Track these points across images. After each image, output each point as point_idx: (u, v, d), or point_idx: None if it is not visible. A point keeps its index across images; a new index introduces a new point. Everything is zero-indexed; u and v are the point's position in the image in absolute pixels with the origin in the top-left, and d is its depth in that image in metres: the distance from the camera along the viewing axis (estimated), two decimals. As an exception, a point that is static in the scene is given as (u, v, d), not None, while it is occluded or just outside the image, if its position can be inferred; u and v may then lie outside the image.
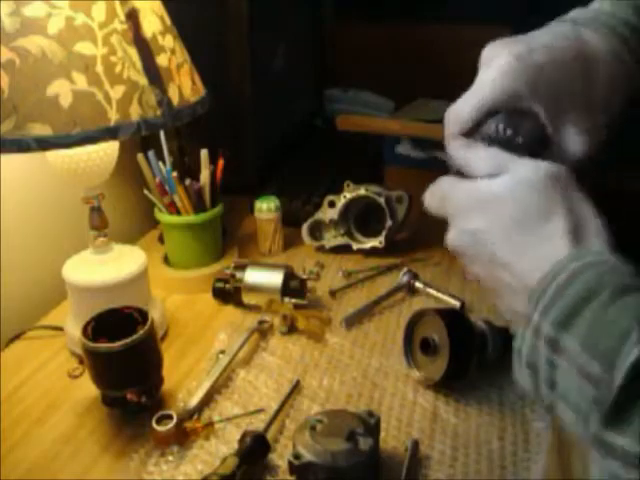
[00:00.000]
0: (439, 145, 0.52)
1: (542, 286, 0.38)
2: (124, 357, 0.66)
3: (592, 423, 0.34)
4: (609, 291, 0.35)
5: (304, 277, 0.91)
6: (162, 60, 0.70)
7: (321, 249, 1.05)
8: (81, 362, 0.77)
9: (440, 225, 0.48)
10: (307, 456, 0.57)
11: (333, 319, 0.87)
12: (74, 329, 0.77)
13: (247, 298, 0.89)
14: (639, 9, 0.48)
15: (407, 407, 0.71)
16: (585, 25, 0.47)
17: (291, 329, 0.85)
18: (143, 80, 0.67)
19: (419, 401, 0.71)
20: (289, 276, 0.88)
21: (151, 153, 0.92)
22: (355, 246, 1.03)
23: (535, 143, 0.46)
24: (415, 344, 0.74)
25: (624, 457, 0.33)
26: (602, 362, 0.34)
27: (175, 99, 0.70)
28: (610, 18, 0.48)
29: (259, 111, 1.20)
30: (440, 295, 0.89)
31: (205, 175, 0.95)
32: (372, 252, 1.03)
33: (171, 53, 0.71)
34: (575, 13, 0.50)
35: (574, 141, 0.46)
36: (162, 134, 0.92)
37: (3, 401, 0.73)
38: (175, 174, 0.92)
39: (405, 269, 0.94)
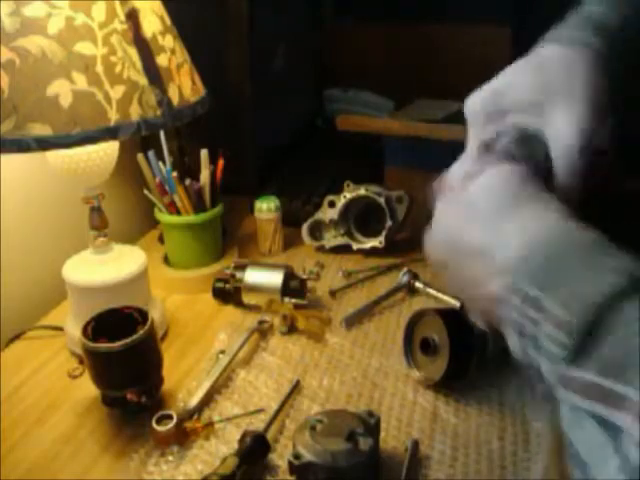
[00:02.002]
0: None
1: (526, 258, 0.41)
2: (124, 357, 0.66)
3: (561, 364, 0.37)
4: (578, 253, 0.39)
5: (304, 277, 0.91)
6: (162, 60, 0.70)
7: (321, 249, 1.05)
8: (81, 362, 0.77)
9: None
10: (307, 456, 0.57)
11: (333, 319, 0.87)
12: (74, 329, 0.77)
13: (247, 298, 0.89)
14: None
15: (407, 407, 0.71)
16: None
17: (291, 329, 0.85)
18: (143, 80, 0.67)
19: (419, 401, 0.71)
20: (289, 276, 0.88)
21: (151, 153, 0.92)
22: (355, 246, 1.03)
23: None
24: (415, 344, 0.74)
25: (580, 387, 0.35)
26: (569, 311, 0.36)
27: (175, 99, 0.70)
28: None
29: (259, 111, 1.20)
30: (440, 295, 0.89)
31: (205, 175, 0.95)
32: (372, 252, 1.03)
33: (171, 53, 0.71)
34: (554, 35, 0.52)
35: (563, 131, 0.47)
36: (162, 134, 0.92)
37: (3, 401, 0.73)
38: (175, 174, 0.92)
39: (405, 269, 0.94)
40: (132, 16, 0.67)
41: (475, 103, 0.53)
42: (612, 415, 0.32)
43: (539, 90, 0.49)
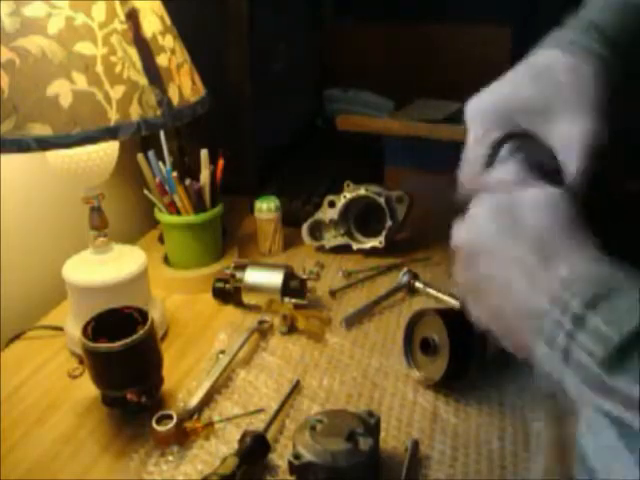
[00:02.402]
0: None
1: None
2: (124, 357, 0.66)
3: (596, 377, 0.38)
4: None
5: (304, 277, 0.91)
6: (162, 60, 0.70)
7: (321, 249, 1.05)
8: (81, 362, 0.77)
9: (440, 225, 0.48)
10: (307, 456, 0.57)
11: (333, 319, 0.87)
12: (74, 329, 0.77)
13: (247, 298, 0.89)
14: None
15: (407, 407, 0.71)
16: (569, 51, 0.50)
17: (291, 329, 0.85)
18: (143, 80, 0.67)
19: (419, 401, 0.71)
20: (289, 276, 0.88)
21: (151, 153, 0.92)
22: (355, 246, 1.03)
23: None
24: (415, 344, 0.74)
25: (625, 400, 0.36)
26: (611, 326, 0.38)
27: (175, 99, 0.70)
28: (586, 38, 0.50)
29: (259, 111, 1.20)
30: (440, 295, 0.89)
31: (205, 175, 0.95)
32: (372, 252, 1.03)
33: (171, 53, 0.71)
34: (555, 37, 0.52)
35: (559, 137, 0.48)
36: (162, 134, 0.92)
37: (3, 401, 0.73)
38: (175, 174, 0.92)
39: (405, 269, 0.94)
40: (132, 16, 0.67)
41: (478, 109, 0.53)
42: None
43: (544, 97, 0.49)
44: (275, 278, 0.88)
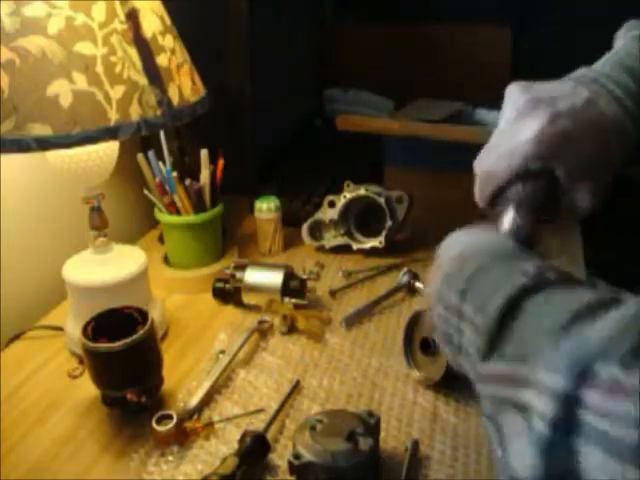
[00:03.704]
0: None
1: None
2: (124, 357, 0.66)
3: (477, 362, 0.41)
4: (497, 258, 0.44)
5: (304, 277, 0.91)
6: (162, 60, 0.70)
7: (321, 249, 1.05)
8: (81, 362, 0.77)
9: (440, 224, 0.48)
10: (307, 456, 0.57)
11: (333, 319, 0.87)
12: (74, 329, 0.77)
13: (247, 298, 0.89)
14: (633, 71, 0.51)
15: (407, 407, 0.71)
16: (597, 93, 0.50)
17: (291, 329, 0.85)
18: (143, 80, 0.67)
19: (419, 401, 0.71)
20: (289, 276, 0.88)
21: (151, 153, 0.92)
22: (355, 246, 1.03)
23: (548, 199, 0.51)
24: (415, 344, 0.74)
25: (497, 380, 0.39)
26: (481, 313, 0.41)
27: (175, 99, 0.70)
28: (613, 85, 0.50)
29: (259, 111, 1.20)
30: (440, 295, 0.89)
31: (205, 175, 0.95)
32: (372, 252, 1.03)
33: (171, 53, 0.71)
34: (582, 73, 0.52)
35: (583, 199, 0.50)
36: (162, 134, 0.92)
37: (3, 401, 0.73)
38: (175, 174, 0.92)
39: (405, 269, 0.94)
40: (132, 16, 0.67)
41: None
42: (522, 396, 0.36)
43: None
44: (275, 278, 0.88)
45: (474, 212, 0.53)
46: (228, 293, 0.90)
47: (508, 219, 0.51)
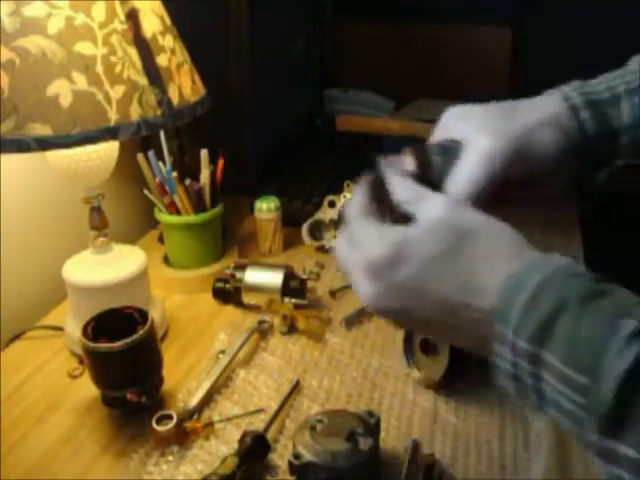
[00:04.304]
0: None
1: (507, 303, 0.38)
2: (124, 357, 0.66)
3: (589, 431, 0.34)
4: (577, 300, 0.36)
5: (304, 277, 0.91)
6: (162, 60, 0.70)
7: (321, 249, 1.05)
8: (81, 362, 0.78)
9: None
10: (307, 456, 0.57)
11: (333, 319, 0.87)
12: (74, 329, 0.77)
13: (247, 298, 0.89)
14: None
15: (407, 407, 0.71)
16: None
17: (291, 329, 0.85)
18: (143, 80, 0.67)
19: (419, 401, 0.71)
20: (289, 276, 0.88)
21: (151, 153, 0.92)
22: (355, 246, 1.03)
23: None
24: (415, 344, 0.74)
25: (627, 464, 0.33)
26: (587, 375, 0.34)
27: (175, 99, 0.70)
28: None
29: (259, 111, 1.20)
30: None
31: (205, 175, 0.95)
32: (372, 252, 1.02)
33: (171, 53, 0.71)
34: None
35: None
36: (162, 134, 0.92)
37: (3, 401, 0.73)
38: (175, 174, 0.92)
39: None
40: (132, 16, 0.67)
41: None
42: None
43: None
44: (275, 278, 0.88)
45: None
46: (228, 293, 0.90)
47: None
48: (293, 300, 0.86)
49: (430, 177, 0.47)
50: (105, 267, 0.79)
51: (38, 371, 0.79)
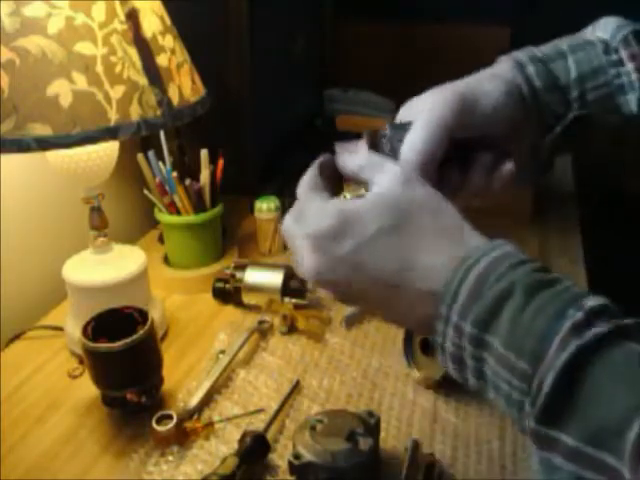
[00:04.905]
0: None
1: (453, 286, 0.38)
2: (124, 357, 0.66)
3: (528, 417, 0.35)
4: (523, 287, 0.36)
5: (304, 277, 0.90)
6: (162, 60, 0.70)
7: (321, 249, 1.05)
8: (81, 362, 0.77)
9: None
10: (307, 456, 0.57)
11: (333, 319, 0.87)
12: (74, 329, 0.77)
13: (247, 298, 0.89)
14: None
15: (407, 407, 0.71)
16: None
17: (291, 329, 0.85)
18: (143, 80, 0.67)
19: (419, 401, 0.71)
20: (289, 276, 0.88)
21: (151, 153, 0.92)
22: (355, 246, 1.03)
23: None
24: (415, 344, 0.74)
25: (565, 452, 0.34)
26: (529, 361, 0.34)
27: (175, 99, 0.70)
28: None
29: (259, 111, 1.20)
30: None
31: (205, 175, 0.95)
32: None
33: (171, 53, 0.71)
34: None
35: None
36: (162, 134, 0.92)
37: (3, 401, 0.73)
38: (175, 174, 0.92)
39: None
40: (132, 16, 0.67)
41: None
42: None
43: None
44: (275, 278, 0.87)
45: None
46: (228, 293, 0.90)
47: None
48: (293, 300, 0.86)
49: (383, 153, 0.47)
50: (105, 267, 0.79)
51: (38, 371, 0.79)
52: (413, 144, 0.45)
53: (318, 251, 0.41)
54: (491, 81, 0.49)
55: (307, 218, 0.43)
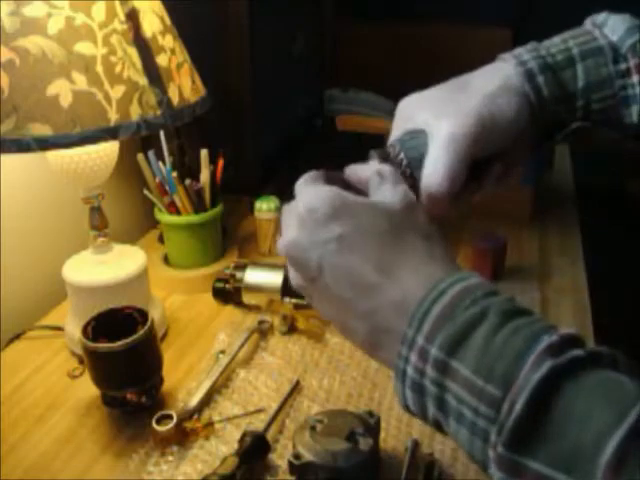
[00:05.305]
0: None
1: (424, 308, 0.37)
2: (124, 357, 0.66)
3: (492, 445, 0.33)
4: (496, 314, 0.36)
5: (304, 277, 0.90)
6: (162, 60, 0.70)
7: (321, 249, 1.05)
8: (81, 362, 0.78)
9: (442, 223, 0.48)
10: (307, 456, 0.57)
11: (333, 319, 0.87)
12: (74, 329, 0.77)
13: (247, 298, 0.89)
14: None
15: (407, 407, 0.70)
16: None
17: (291, 329, 0.85)
18: (143, 80, 0.67)
19: (419, 401, 0.71)
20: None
21: (151, 153, 0.92)
22: (355, 246, 1.03)
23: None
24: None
25: (532, 478, 0.32)
26: (499, 384, 0.33)
27: (175, 99, 0.70)
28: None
29: (259, 111, 1.20)
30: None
31: (205, 175, 0.95)
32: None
33: (171, 53, 0.71)
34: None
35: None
36: (162, 134, 0.92)
37: (3, 401, 0.73)
38: (175, 174, 0.92)
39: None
40: (132, 16, 0.67)
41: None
42: None
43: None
44: (275, 278, 0.87)
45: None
46: (228, 293, 0.90)
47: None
48: (293, 300, 0.86)
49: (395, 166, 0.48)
50: (105, 267, 0.79)
51: (38, 371, 0.79)
52: (436, 182, 0.46)
53: (304, 228, 0.41)
54: (503, 96, 0.49)
55: (302, 197, 0.43)
